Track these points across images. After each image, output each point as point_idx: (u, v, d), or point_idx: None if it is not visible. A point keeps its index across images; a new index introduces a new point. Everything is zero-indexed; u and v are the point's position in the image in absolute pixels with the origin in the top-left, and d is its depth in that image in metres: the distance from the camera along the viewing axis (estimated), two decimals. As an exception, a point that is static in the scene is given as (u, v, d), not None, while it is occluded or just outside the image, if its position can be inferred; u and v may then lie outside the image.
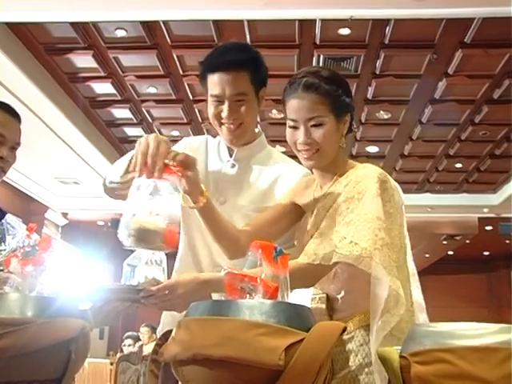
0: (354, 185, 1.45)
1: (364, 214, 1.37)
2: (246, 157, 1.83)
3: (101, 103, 6.27)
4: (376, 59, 5.26)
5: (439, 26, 4.70)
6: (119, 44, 5.10)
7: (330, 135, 1.50)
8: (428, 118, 6.43)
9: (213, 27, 4.74)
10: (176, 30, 4.86)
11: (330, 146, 1.51)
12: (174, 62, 5.36)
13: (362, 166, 1.53)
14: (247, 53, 1.73)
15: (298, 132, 1.51)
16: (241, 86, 1.68)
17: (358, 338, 1.42)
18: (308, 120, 1.49)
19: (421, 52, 5.12)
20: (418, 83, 5.65)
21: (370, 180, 1.43)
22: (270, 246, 1.09)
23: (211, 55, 1.72)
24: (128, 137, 7.20)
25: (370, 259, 1.30)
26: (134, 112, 6.44)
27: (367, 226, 1.35)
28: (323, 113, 1.48)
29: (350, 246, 1.34)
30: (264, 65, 1.77)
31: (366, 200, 1.39)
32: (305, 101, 1.48)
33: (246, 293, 1.06)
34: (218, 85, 1.68)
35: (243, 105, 1.70)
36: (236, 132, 1.75)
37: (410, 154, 7.56)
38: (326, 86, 1.49)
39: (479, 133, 6.74)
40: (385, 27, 4.77)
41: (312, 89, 1.48)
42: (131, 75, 5.66)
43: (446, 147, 7.29)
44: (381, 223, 1.36)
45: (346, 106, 1.53)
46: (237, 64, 1.67)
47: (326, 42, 4.99)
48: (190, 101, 6.16)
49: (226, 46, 1.76)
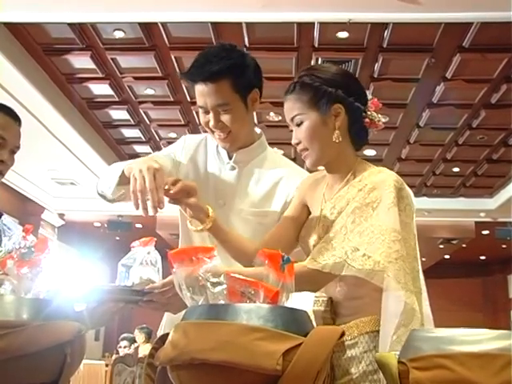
0: (370, 191, 1.38)
1: (378, 225, 1.32)
2: (245, 159, 1.80)
3: (98, 104, 6.26)
4: (374, 63, 5.27)
5: (437, 29, 4.71)
6: (117, 45, 5.10)
7: (314, 131, 1.44)
8: (426, 122, 6.45)
9: (211, 29, 4.74)
10: (174, 32, 4.87)
11: (317, 143, 1.46)
12: (171, 63, 5.35)
13: (378, 171, 1.45)
14: (227, 60, 1.64)
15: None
16: (221, 97, 1.63)
17: (363, 345, 1.38)
18: (291, 120, 1.48)
19: (419, 56, 5.13)
20: (416, 87, 5.66)
21: (386, 188, 1.36)
22: (276, 254, 1.08)
23: (192, 65, 1.67)
24: (125, 138, 7.20)
25: (383, 273, 1.26)
26: (131, 113, 6.44)
27: (381, 239, 1.30)
28: (301, 110, 1.45)
29: (362, 259, 1.29)
30: (250, 67, 1.70)
31: (381, 209, 1.34)
32: (287, 102, 1.48)
33: (247, 298, 1.05)
34: (199, 96, 1.66)
35: (227, 114, 1.66)
36: (226, 140, 1.72)
37: (407, 158, 7.58)
38: (305, 81, 1.46)
39: (477, 137, 6.76)
40: (383, 31, 4.78)
41: (291, 89, 1.47)
42: (129, 76, 5.65)
43: (443, 151, 7.31)
44: (396, 235, 1.30)
45: (330, 96, 1.44)
46: (214, 74, 1.61)
47: (325, 45, 5.00)
48: (187, 103, 6.16)
49: (205, 54, 1.68)
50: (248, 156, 1.81)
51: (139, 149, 7.51)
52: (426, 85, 5.62)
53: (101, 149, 7.19)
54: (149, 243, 1.49)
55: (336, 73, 1.51)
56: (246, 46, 4.95)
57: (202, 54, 1.68)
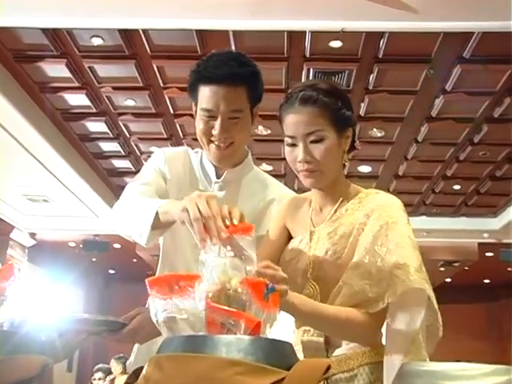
0: (382, 213, 1.45)
1: (407, 237, 1.43)
2: (235, 178, 1.81)
3: (74, 116, 6.25)
4: (369, 74, 5.31)
5: (436, 39, 4.75)
6: (95, 53, 5.11)
7: (332, 151, 1.48)
8: (424, 137, 6.49)
9: (196, 37, 4.77)
10: (156, 40, 4.88)
11: (331, 163, 1.50)
12: (153, 73, 5.37)
13: (374, 192, 1.55)
14: (247, 66, 1.69)
15: (296, 150, 1.49)
16: (237, 102, 1.65)
17: (363, 377, 1.38)
18: (307, 135, 1.47)
19: (417, 67, 5.18)
20: (414, 100, 5.71)
21: (396, 209, 1.48)
22: (260, 283, 1.09)
23: (206, 65, 1.68)
24: (103, 152, 7.18)
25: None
26: (110, 126, 6.44)
27: (416, 253, 1.42)
28: (323, 126, 1.47)
29: (417, 273, 1.38)
30: (262, 80, 1.74)
31: (401, 225, 1.44)
32: (302, 115, 1.47)
33: (227, 329, 1.05)
34: (211, 98, 1.64)
35: (237, 123, 1.67)
36: (225, 152, 1.71)
37: (404, 175, 7.62)
38: (325, 98, 1.48)
39: (479, 153, 6.81)
40: (379, 40, 4.83)
41: (310, 102, 1.47)
42: (107, 86, 5.66)
43: (443, 168, 7.35)
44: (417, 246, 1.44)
45: (347, 119, 1.53)
46: (236, 79, 1.64)
47: (317, 55, 5.04)
48: (170, 115, 6.17)
49: (223, 55, 1.71)
50: (238, 175, 1.82)
51: (118, 163, 7.51)
52: (424, 97, 5.66)
53: (76, 163, 7.17)
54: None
55: (346, 94, 1.58)
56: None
57: (214, 56, 1.70)
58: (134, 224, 1.55)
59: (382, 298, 1.36)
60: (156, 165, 1.82)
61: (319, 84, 1.52)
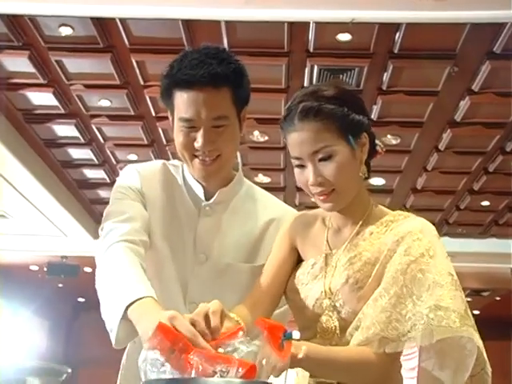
0: (415, 242, 1.46)
1: (447, 273, 1.43)
2: (227, 198, 1.79)
3: (39, 117, 6.26)
4: (383, 72, 5.34)
5: (462, 31, 4.75)
6: (64, 45, 5.11)
7: (345, 166, 1.48)
8: (447, 145, 6.51)
9: (182, 28, 4.78)
10: (136, 31, 4.89)
11: (347, 180, 1.50)
12: (132, 69, 5.39)
13: (403, 216, 1.55)
14: (229, 64, 1.66)
15: (306, 171, 1.49)
16: (221, 108, 1.63)
17: None
18: (313, 154, 1.47)
19: (439, 63, 5.21)
20: (435, 102, 5.73)
21: (432, 236, 1.50)
22: (278, 327, 1.11)
23: (179, 65, 1.65)
24: (73, 160, 7.19)
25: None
26: (80, 130, 6.44)
27: (452, 289, 1.42)
28: (330, 141, 1.46)
29: (445, 315, 1.36)
30: (247, 77, 1.72)
31: (438, 258, 1.44)
32: (304, 132, 1.46)
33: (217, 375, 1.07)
34: (190, 106, 1.61)
35: (223, 131, 1.64)
36: (212, 167, 1.67)
37: (424, 189, 7.65)
38: (329, 105, 1.47)
39: (511, 163, 6.82)
40: (394, 33, 4.85)
41: (310, 115, 1.46)
42: (78, 84, 5.67)
43: (469, 180, 7.36)
44: (458, 283, 1.44)
45: (360, 124, 1.51)
46: (217, 79, 1.61)
47: (322, 50, 5.06)
48: (151, 118, 6.19)
49: (199, 53, 1.67)
50: (230, 194, 1.80)
51: (90, 173, 7.51)
52: (447, 99, 5.68)
53: (40, 173, 7.17)
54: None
55: (355, 95, 1.58)
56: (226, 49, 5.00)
57: (189, 55, 1.67)
58: (105, 313, 1.50)
59: (404, 336, 1.37)
60: (131, 187, 1.76)
61: (320, 90, 1.51)
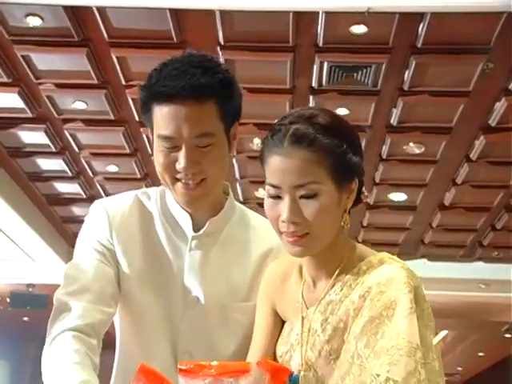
0: (378, 296, 1.44)
1: (401, 338, 1.38)
2: (218, 228, 1.80)
3: (2, 122, 6.28)
4: (404, 69, 5.37)
5: (497, 22, 4.76)
6: (31, 37, 5.13)
7: (328, 210, 1.48)
8: (479, 154, 6.51)
9: (170, 19, 4.80)
10: (117, 22, 4.92)
11: (327, 226, 1.50)
12: (112, 65, 5.41)
13: (378, 261, 1.52)
14: (215, 73, 1.65)
15: (281, 204, 1.49)
16: (205, 124, 1.63)
17: None
18: (296, 188, 1.46)
19: (470, 59, 5.24)
20: (465, 104, 5.74)
21: (399, 288, 1.43)
22: (283, 370, 1.13)
23: (158, 76, 1.65)
24: (42, 172, 7.24)
25: None
26: (51, 136, 6.47)
27: (404, 359, 1.37)
28: (318, 177, 1.46)
29: None
30: (238, 89, 1.73)
31: (397, 319, 1.40)
32: (292, 160, 1.46)
33: None
34: (170, 122, 1.62)
35: (209, 151, 1.65)
36: (196, 192, 1.68)
37: (452, 205, 7.65)
38: (325, 138, 1.47)
39: (557, 175, 6.82)
40: (417, 24, 4.88)
41: (304, 142, 1.45)
42: (49, 83, 5.71)
43: (506, 195, 7.37)
44: (419, 353, 1.38)
45: (353, 168, 1.51)
46: (201, 91, 1.61)
47: (333, 45, 5.09)
48: (134, 123, 6.22)
49: (180, 61, 1.67)
50: (222, 223, 1.80)
51: (63, 187, 7.55)
52: (479, 100, 5.70)
53: (4, 187, 7.22)
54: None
55: (353, 130, 1.57)
56: (221, 45, 5.05)
57: (169, 63, 1.67)
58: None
59: None
60: (97, 236, 1.76)
61: (318, 116, 1.50)
